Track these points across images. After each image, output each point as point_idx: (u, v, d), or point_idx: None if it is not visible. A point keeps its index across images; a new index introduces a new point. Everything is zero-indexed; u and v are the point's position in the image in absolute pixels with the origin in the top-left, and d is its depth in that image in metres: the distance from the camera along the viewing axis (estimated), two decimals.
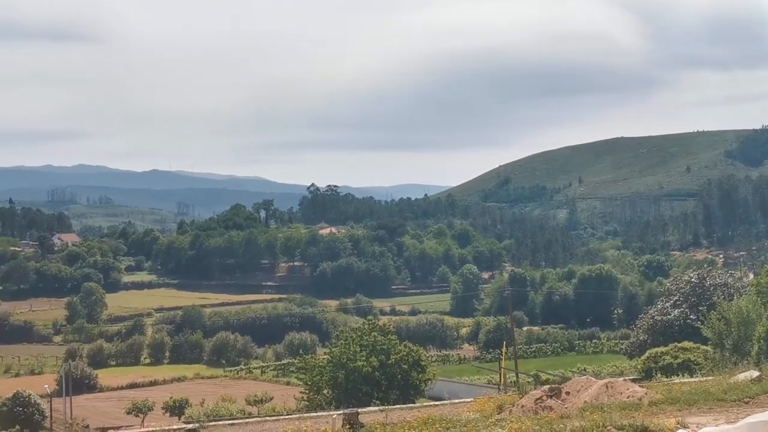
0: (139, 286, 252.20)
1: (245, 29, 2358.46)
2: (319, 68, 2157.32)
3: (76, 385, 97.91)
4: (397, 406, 43.75)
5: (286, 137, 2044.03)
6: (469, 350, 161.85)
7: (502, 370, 75.40)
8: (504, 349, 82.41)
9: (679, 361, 58.81)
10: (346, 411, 30.13)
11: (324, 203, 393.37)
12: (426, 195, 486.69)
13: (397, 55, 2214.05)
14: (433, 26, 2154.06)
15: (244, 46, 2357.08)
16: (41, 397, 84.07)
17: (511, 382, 72.90)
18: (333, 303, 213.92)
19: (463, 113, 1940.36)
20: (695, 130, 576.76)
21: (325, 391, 60.94)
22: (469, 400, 40.08)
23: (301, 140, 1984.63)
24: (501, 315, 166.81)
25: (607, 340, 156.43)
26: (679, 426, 19.51)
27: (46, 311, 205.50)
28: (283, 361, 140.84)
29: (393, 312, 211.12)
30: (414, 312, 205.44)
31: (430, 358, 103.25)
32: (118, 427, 67.85)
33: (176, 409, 79.72)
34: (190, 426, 30.74)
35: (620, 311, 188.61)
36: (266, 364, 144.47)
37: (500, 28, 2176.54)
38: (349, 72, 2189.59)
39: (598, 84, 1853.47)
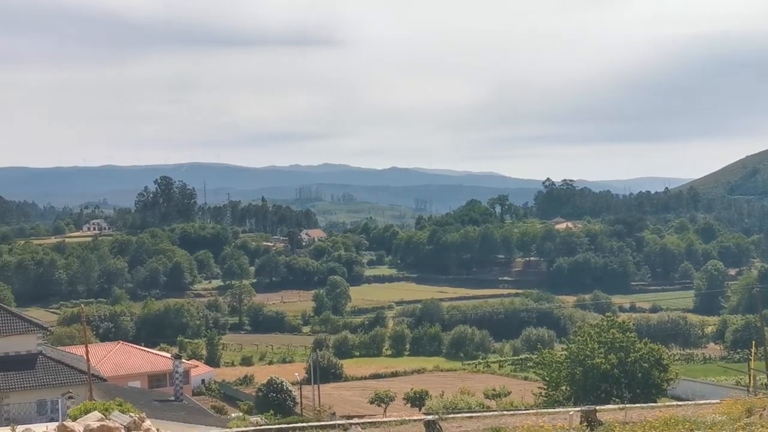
0: (380, 279, 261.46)
1: (479, 27, 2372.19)
2: (553, 62, 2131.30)
3: (323, 373, 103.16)
4: (637, 405, 43.05)
5: (520, 132, 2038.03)
6: (714, 349, 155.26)
7: (752, 371, 71.81)
8: (753, 350, 78.39)
9: None
10: (583, 408, 30.23)
11: (559, 198, 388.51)
12: (666, 188, 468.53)
13: (632, 45, 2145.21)
14: (671, 13, 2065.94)
15: (479, 44, 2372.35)
16: (292, 384, 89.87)
17: (761, 384, 69.41)
18: (570, 299, 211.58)
19: (704, 102, 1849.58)
20: None
21: (563, 387, 60.83)
22: (715, 401, 38.86)
23: (535, 135, 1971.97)
24: (749, 313, 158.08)
25: None
26: None
27: (295, 303, 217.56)
28: (520, 356, 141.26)
29: (632, 309, 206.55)
30: (655, 309, 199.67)
31: (672, 357, 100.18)
32: (362, 416, 70.87)
33: (416, 400, 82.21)
34: (430, 417, 31.97)
35: None
36: (504, 358, 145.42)
37: (746, 12, 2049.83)
38: (584, 65, 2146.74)
39: None
